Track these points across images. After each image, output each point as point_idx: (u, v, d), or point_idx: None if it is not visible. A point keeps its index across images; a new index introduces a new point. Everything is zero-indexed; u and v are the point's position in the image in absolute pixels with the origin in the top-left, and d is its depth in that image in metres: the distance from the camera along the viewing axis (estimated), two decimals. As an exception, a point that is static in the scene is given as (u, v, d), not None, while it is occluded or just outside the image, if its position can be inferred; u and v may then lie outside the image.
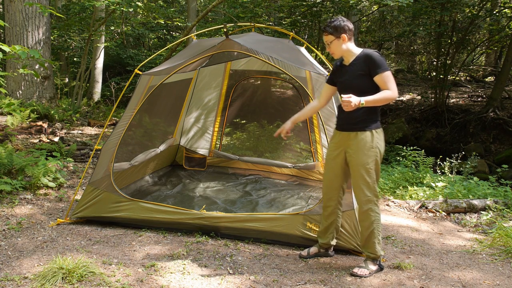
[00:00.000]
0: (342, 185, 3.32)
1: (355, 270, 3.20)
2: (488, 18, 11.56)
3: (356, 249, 3.51)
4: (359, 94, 2.96)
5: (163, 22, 12.27)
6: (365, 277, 3.16)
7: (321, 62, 5.22)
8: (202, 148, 6.09)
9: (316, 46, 12.82)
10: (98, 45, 11.90)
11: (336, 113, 3.43)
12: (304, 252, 3.52)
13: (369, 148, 3.07)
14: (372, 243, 3.19)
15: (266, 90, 6.15)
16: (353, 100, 2.85)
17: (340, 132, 3.21)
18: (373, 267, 3.22)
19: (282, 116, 6.09)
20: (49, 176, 4.71)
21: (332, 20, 3.13)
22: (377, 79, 3.01)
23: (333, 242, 3.49)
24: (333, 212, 3.36)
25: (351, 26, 3.14)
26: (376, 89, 3.04)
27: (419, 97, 13.29)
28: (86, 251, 3.38)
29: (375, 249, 3.19)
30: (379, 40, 15.20)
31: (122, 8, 8.70)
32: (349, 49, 3.14)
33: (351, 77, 3.10)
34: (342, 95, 2.89)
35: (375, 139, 3.08)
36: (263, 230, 3.68)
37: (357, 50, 3.14)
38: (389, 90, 2.98)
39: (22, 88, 8.40)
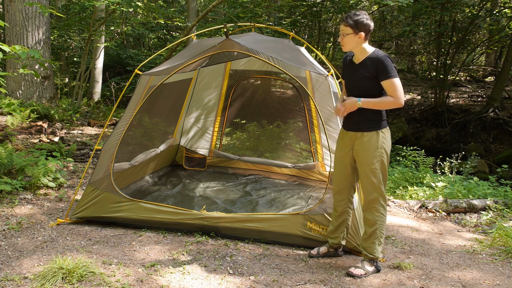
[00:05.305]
0: (353, 184, 3.32)
1: (351, 270, 3.20)
2: (488, 18, 11.56)
3: (356, 249, 3.50)
4: (364, 94, 3.06)
5: (163, 22, 12.28)
6: (359, 277, 3.14)
7: (321, 62, 5.21)
8: (202, 148, 6.09)
9: (316, 46, 12.82)
10: (98, 45, 11.90)
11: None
12: (314, 251, 3.51)
13: (375, 149, 3.07)
14: (372, 243, 3.17)
15: (266, 90, 6.15)
16: (348, 106, 3.07)
17: (347, 131, 3.22)
18: (370, 268, 3.21)
19: (282, 116, 6.10)
20: (49, 176, 4.71)
21: (357, 13, 3.03)
22: (384, 84, 3.02)
23: (343, 242, 3.49)
24: (344, 211, 3.36)
25: (372, 27, 3.06)
26: (381, 92, 3.06)
27: (419, 97, 13.30)
28: (86, 251, 3.38)
29: (373, 250, 3.18)
30: (379, 40, 15.18)
31: (122, 8, 8.70)
32: (363, 47, 3.08)
33: (359, 77, 3.10)
34: (344, 100, 3.05)
35: (380, 139, 3.08)
36: (263, 230, 3.68)
37: (370, 49, 3.09)
38: (392, 98, 2.99)
39: (22, 88, 8.40)
